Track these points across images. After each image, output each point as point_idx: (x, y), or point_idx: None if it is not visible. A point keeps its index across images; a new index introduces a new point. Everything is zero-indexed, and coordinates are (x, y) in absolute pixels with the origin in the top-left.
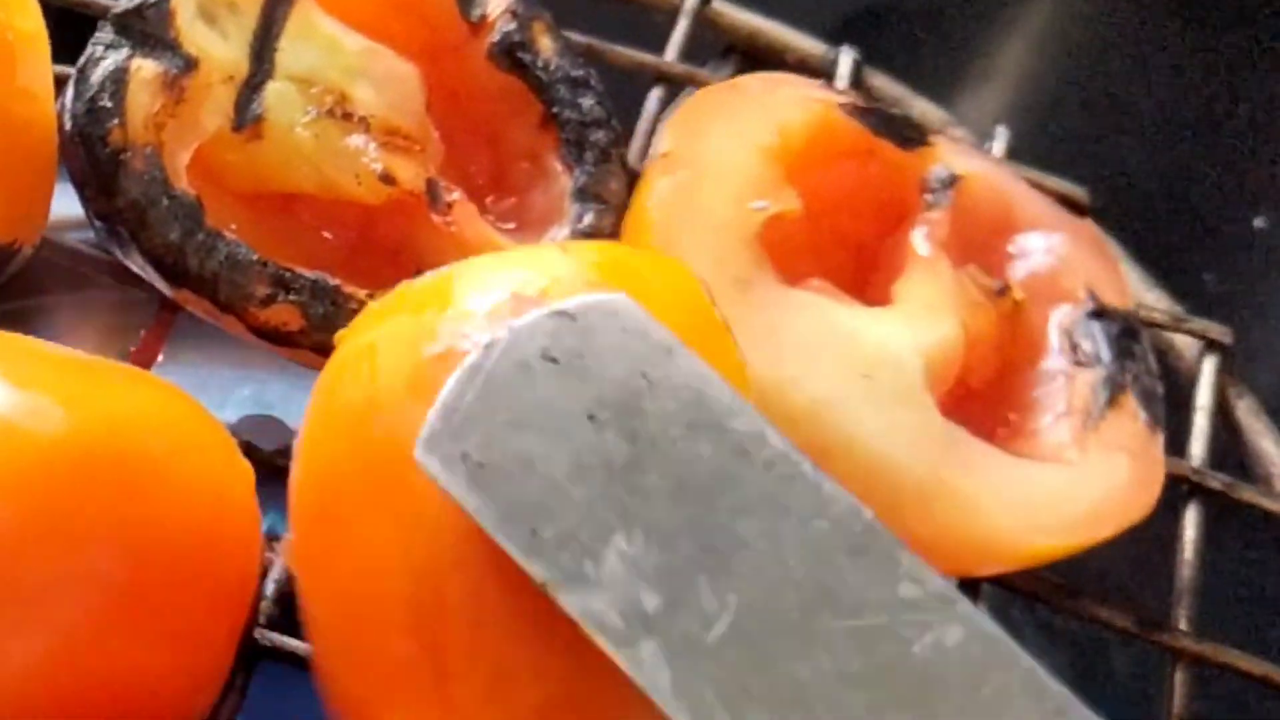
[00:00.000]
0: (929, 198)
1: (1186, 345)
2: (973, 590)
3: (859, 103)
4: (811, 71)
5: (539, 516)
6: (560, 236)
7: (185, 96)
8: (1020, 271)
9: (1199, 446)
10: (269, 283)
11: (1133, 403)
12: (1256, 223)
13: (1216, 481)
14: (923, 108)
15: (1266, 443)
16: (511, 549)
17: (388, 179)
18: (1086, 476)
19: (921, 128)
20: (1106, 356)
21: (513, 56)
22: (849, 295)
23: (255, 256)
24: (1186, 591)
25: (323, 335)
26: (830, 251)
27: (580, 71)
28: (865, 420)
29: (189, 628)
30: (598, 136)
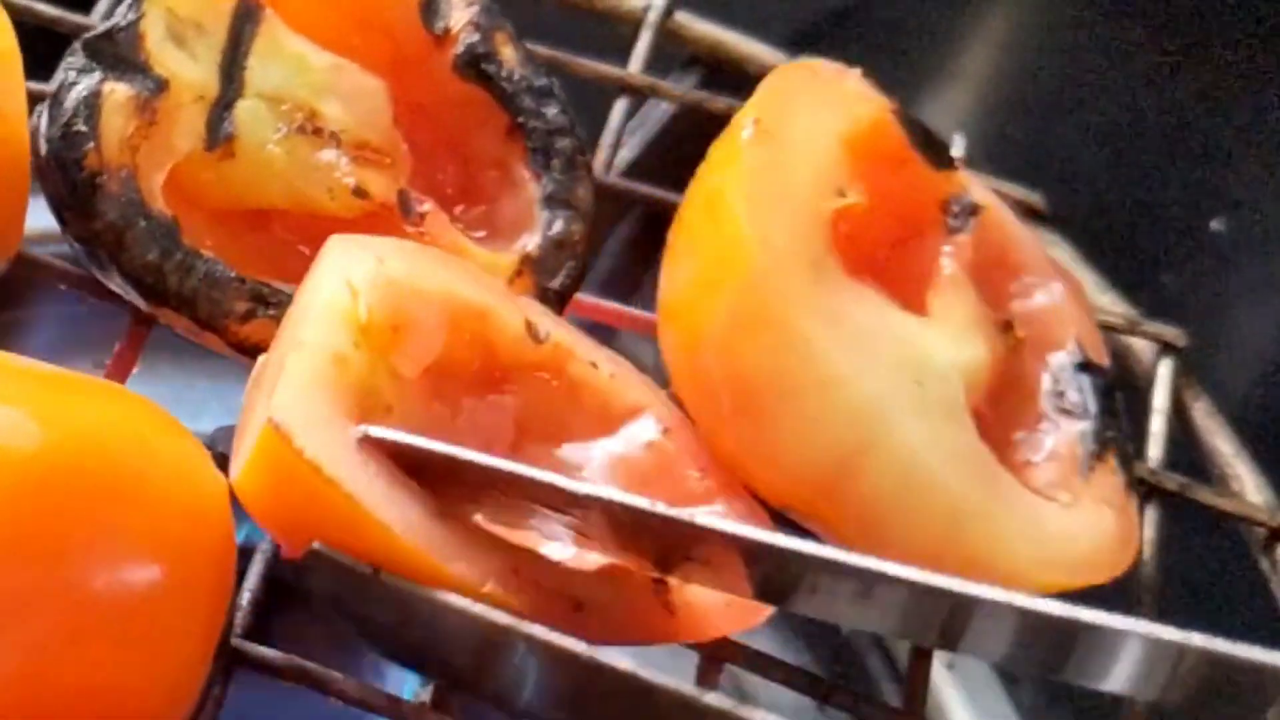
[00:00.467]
0: (952, 221)
1: (1142, 348)
2: None
3: (906, 110)
4: None
5: None
6: (532, 244)
7: (158, 118)
8: (1018, 309)
9: (1156, 448)
10: (247, 298)
11: (1114, 461)
12: (1214, 225)
13: (1173, 482)
14: None
15: (1222, 443)
16: None
17: (360, 192)
18: (1082, 522)
19: (947, 152)
20: (1093, 409)
21: (477, 68)
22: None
23: (233, 273)
24: (1147, 591)
25: None
26: (861, 245)
27: (543, 81)
28: (912, 427)
29: (164, 639)
30: (563, 144)
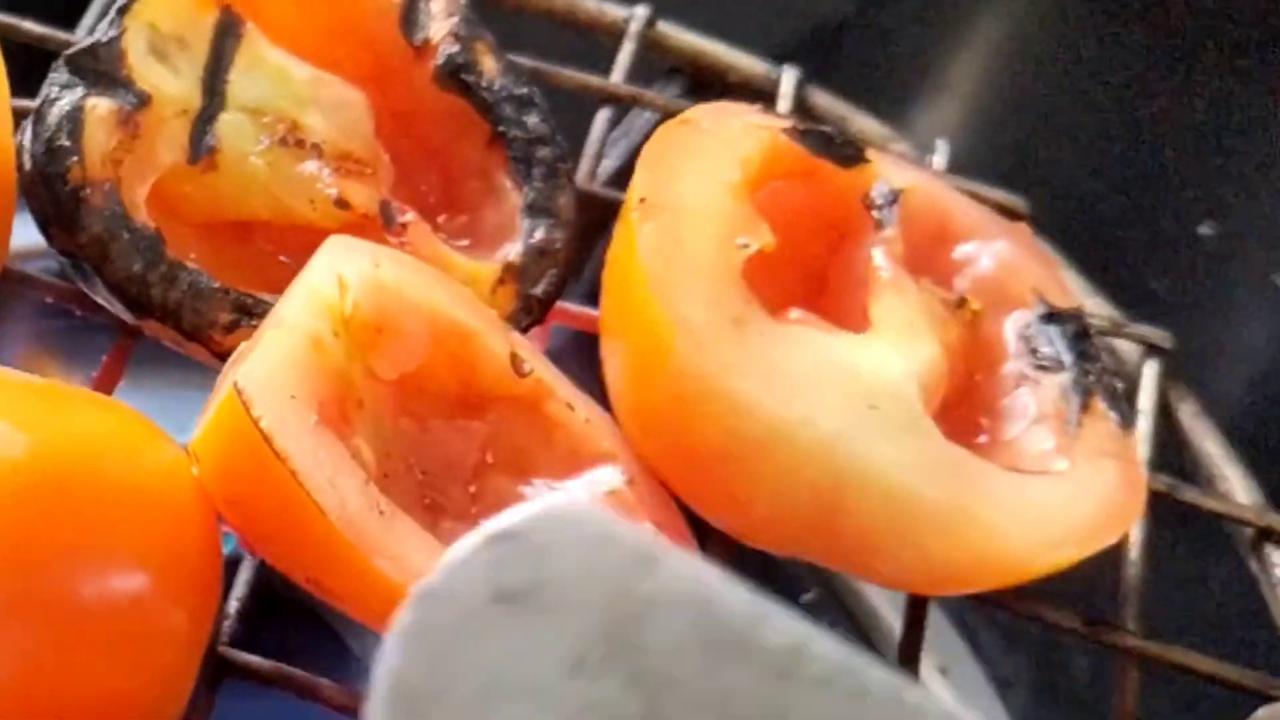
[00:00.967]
0: (876, 215)
1: (1128, 350)
2: (920, 601)
3: (798, 125)
4: (755, 91)
5: None
6: (514, 252)
7: (140, 132)
8: (966, 280)
9: (1142, 449)
10: (231, 309)
11: (1101, 404)
12: (1202, 229)
13: (1160, 483)
14: (863, 124)
15: (1209, 444)
16: None
17: (342, 203)
18: (1082, 486)
19: (858, 145)
20: (1068, 359)
21: (457, 78)
22: (823, 321)
23: (217, 284)
24: (1134, 592)
25: None
26: (787, 276)
27: (524, 90)
28: (879, 452)
29: (151, 647)
30: (544, 153)
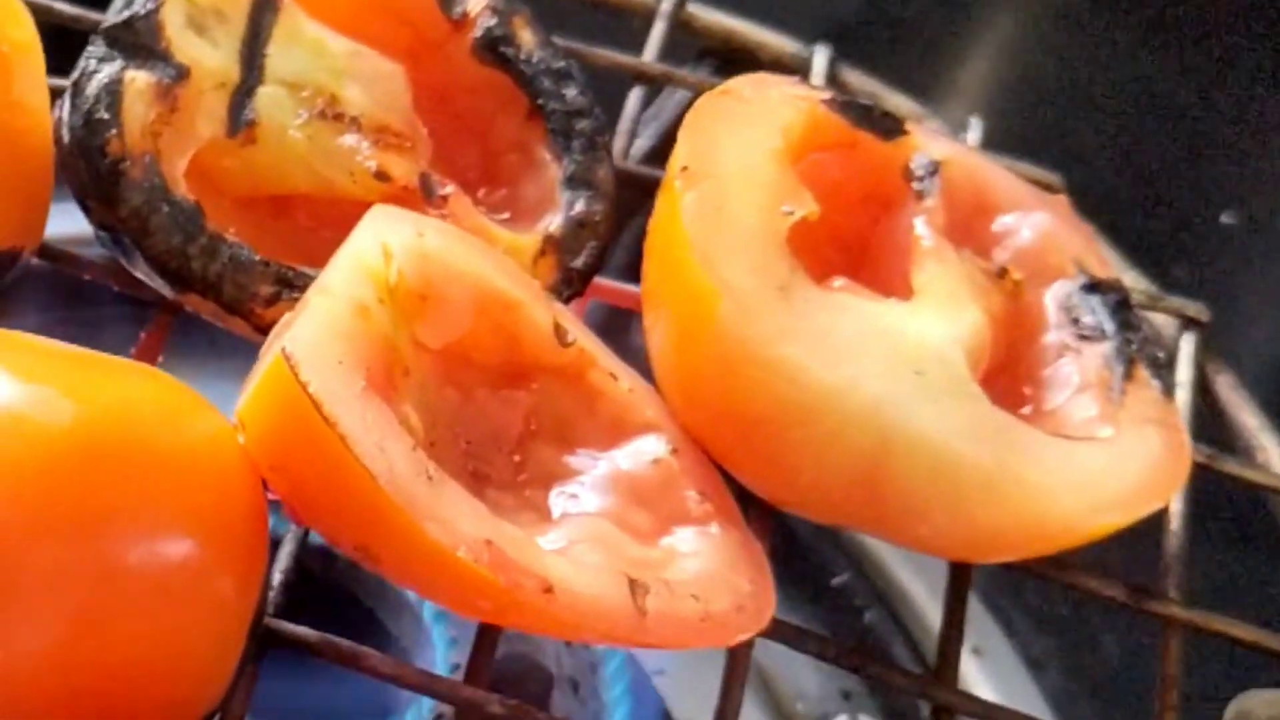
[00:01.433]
0: (916, 186)
1: (1164, 324)
2: (964, 572)
3: (838, 97)
4: (786, 69)
5: None
6: (554, 224)
7: (179, 105)
8: (1006, 251)
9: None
10: (272, 281)
11: (1144, 372)
12: (1224, 218)
13: (1200, 455)
14: (896, 102)
15: (1246, 416)
16: None
17: (382, 175)
18: (1127, 451)
19: (898, 118)
20: (1110, 328)
21: (495, 51)
22: (866, 289)
23: (257, 257)
24: (1175, 561)
25: None
26: (828, 246)
27: (562, 63)
28: (925, 416)
29: (199, 613)
30: (583, 125)
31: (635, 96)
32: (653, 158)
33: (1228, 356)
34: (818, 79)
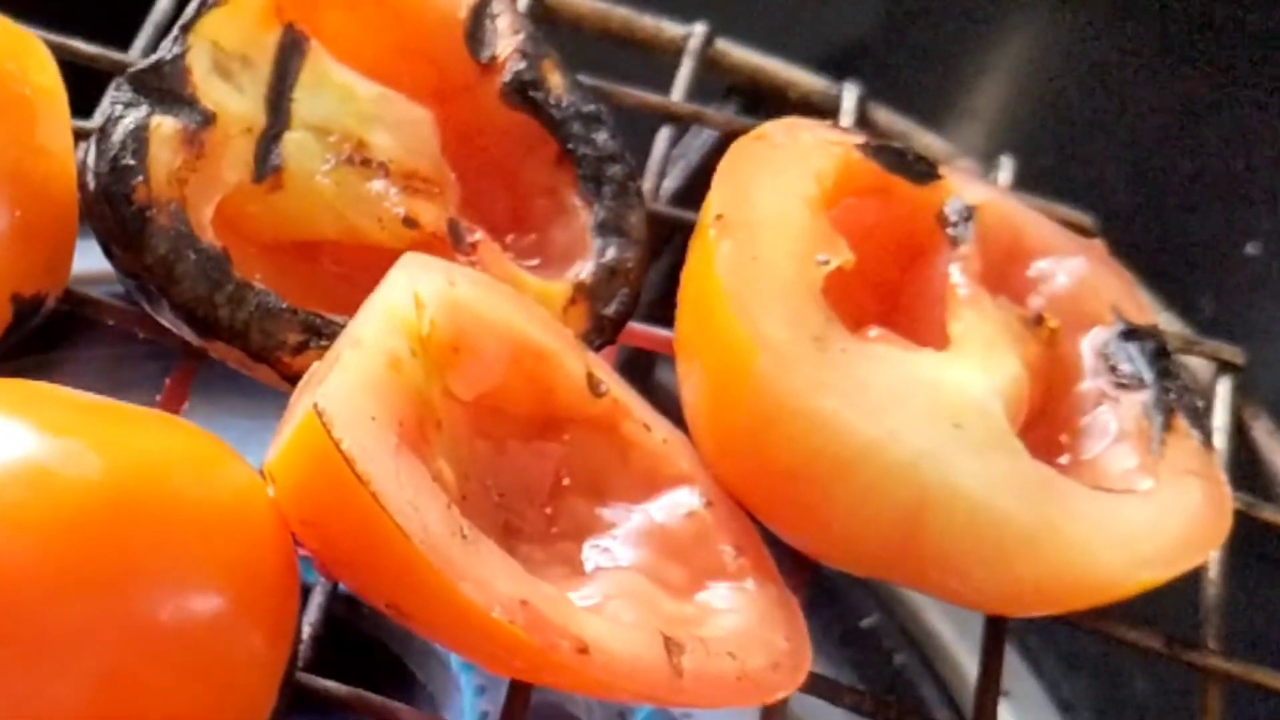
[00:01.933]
0: (951, 232)
1: (1199, 367)
2: (1000, 624)
3: (871, 141)
4: (815, 107)
5: None
6: (585, 271)
7: (205, 151)
8: (1041, 297)
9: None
10: (300, 330)
11: (1183, 423)
12: (1249, 249)
13: (1238, 502)
14: (927, 141)
15: None
16: None
17: (410, 222)
18: (1168, 505)
19: (931, 162)
20: (1148, 377)
21: (525, 95)
22: (902, 339)
23: (285, 304)
24: (1214, 611)
25: None
26: (862, 293)
27: (592, 107)
28: (964, 470)
29: (230, 668)
30: (614, 171)
31: (664, 136)
32: (679, 198)
33: (1256, 389)
34: (847, 117)
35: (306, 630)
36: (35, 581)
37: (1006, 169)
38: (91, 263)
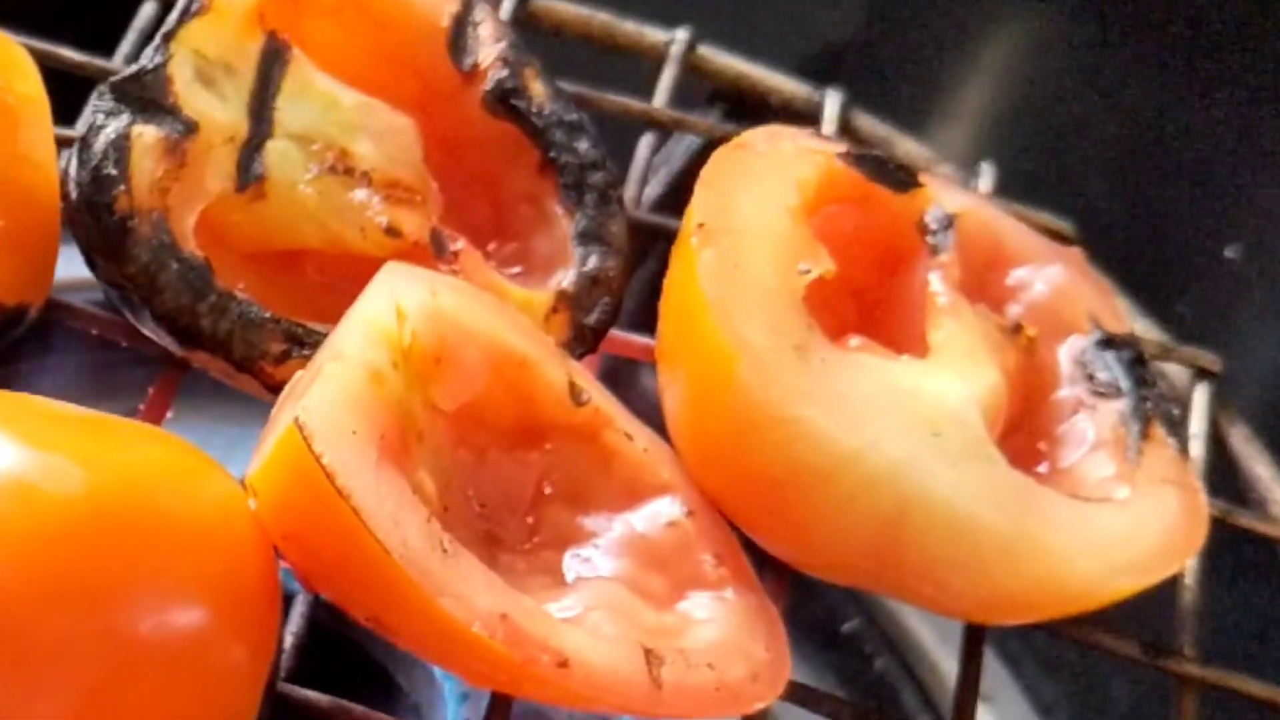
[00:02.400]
0: (931, 240)
1: (1176, 373)
2: (979, 632)
3: (852, 150)
4: (797, 113)
5: None
6: (567, 280)
7: (187, 160)
8: (1020, 305)
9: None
10: (282, 339)
11: (1160, 431)
12: (1228, 252)
13: (1215, 508)
14: (908, 147)
15: (1260, 468)
16: None
17: (392, 231)
18: (1145, 514)
19: (912, 170)
20: (1125, 385)
21: (507, 103)
22: (882, 347)
23: (268, 314)
24: (1190, 617)
25: None
26: (841, 301)
27: (574, 115)
28: (943, 479)
29: (212, 682)
30: (596, 179)
31: (646, 143)
32: (662, 205)
33: (1234, 394)
34: (829, 124)
35: (289, 640)
36: (17, 596)
37: (987, 175)
38: (72, 269)
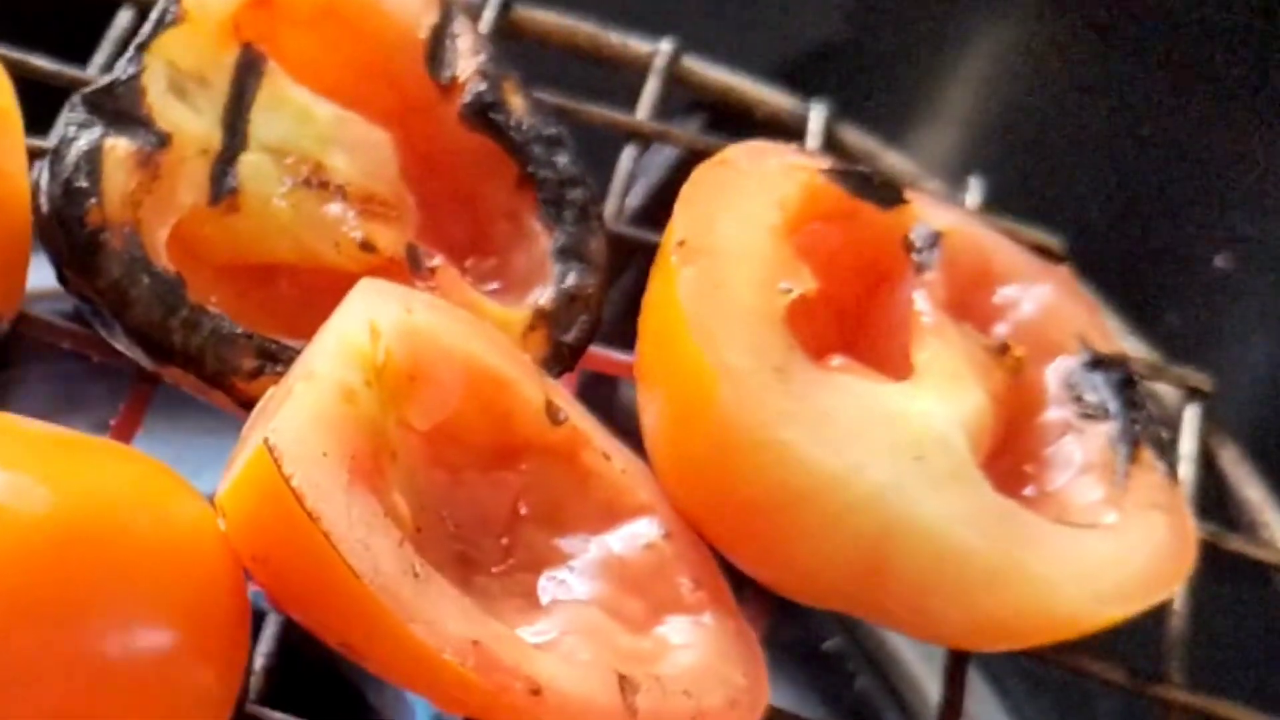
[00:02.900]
0: (916, 258)
1: (1166, 393)
2: (962, 658)
3: (837, 166)
4: (782, 126)
5: None
6: (545, 297)
7: (160, 173)
8: (1008, 325)
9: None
10: (255, 355)
11: (1149, 454)
12: (1218, 262)
13: (1204, 531)
14: (893, 160)
15: (1250, 491)
16: None
17: (367, 246)
18: (1132, 541)
19: (897, 186)
20: (1114, 408)
21: (485, 117)
22: (865, 368)
23: (240, 329)
24: (1178, 643)
25: None
26: (824, 318)
27: (553, 130)
28: (928, 504)
29: (180, 707)
30: (575, 195)
31: (628, 155)
32: (641, 217)
33: (1222, 407)
34: (814, 137)
35: (260, 661)
36: None
37: (975, 190)
38: (40, 279)
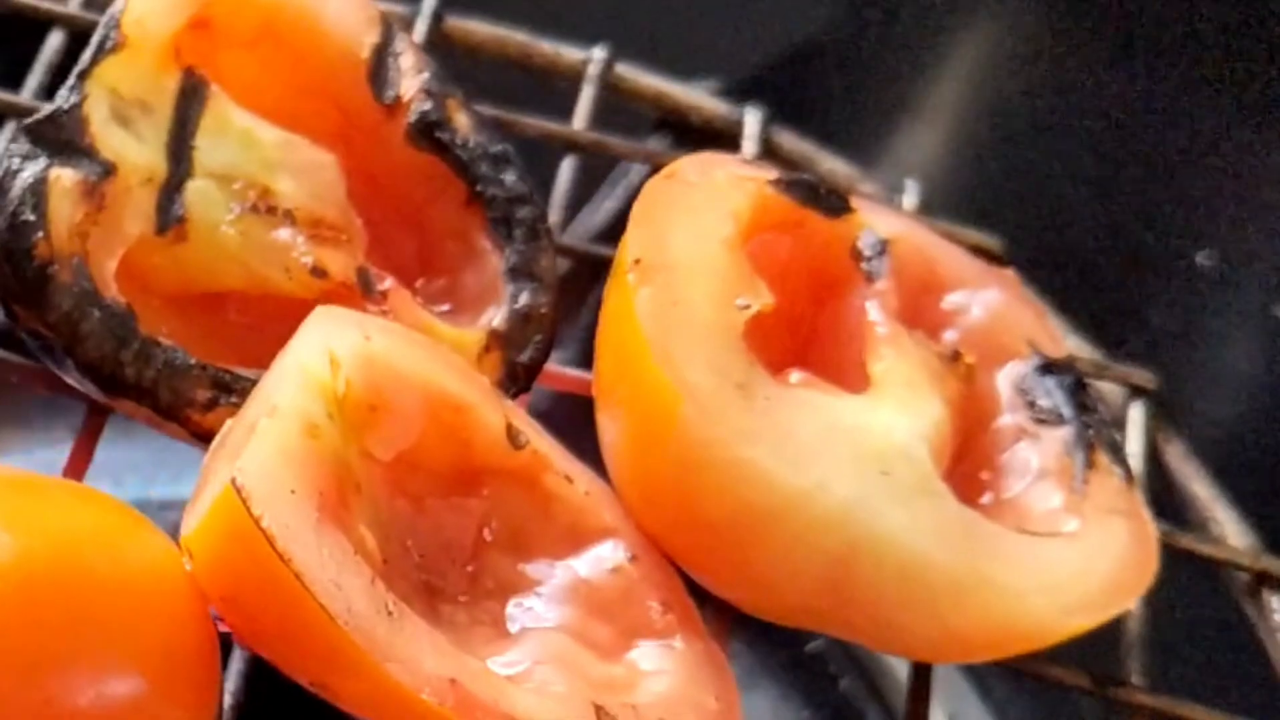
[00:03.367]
0: (866, 266)
1: (1111, 392)
2: (925, 671)
3: (784, 176)
4: (718, 131)
5: None
6: (499, 318)
7: (106, 203)
8: (958, 330)
9: None
10: (209, 386)
11: (1105, 459)
12: (1199, 259)
13: (1157, 531)
14: (831, 164)
15: (1197, 487)
16: None
17: (318, 271)
18: (1095, 549)
19: (843, 194)
20: (1067, 412)
21: (431, 136)
22: (824, 382)
23: (193, 361)
24: (1137, 644)
25: None
26: (779, 331)
27: (499, 147)
28: (894, 518)
29: None
30: (524, 213)
31: (569, 166)
32: (611, 236)
33: (1203, 402)
34: (750, 143)
35: (228, 700)
36: None
37: (912, 193)
38: None
